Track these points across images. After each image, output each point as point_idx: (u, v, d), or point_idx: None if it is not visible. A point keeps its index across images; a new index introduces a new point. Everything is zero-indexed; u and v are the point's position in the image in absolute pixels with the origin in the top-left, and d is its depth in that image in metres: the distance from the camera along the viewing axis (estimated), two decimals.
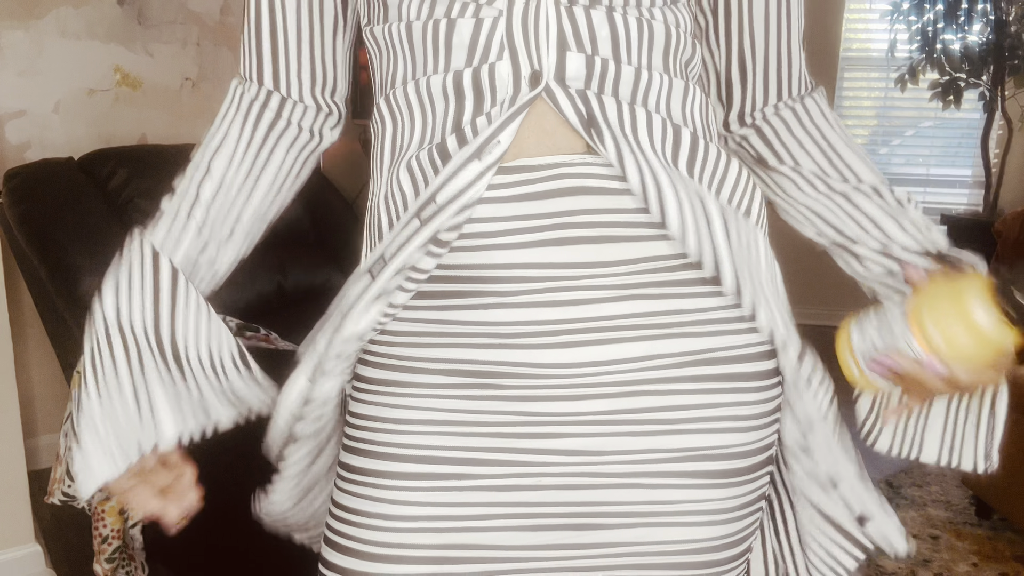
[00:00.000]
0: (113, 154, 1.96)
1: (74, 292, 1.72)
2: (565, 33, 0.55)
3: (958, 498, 2.29)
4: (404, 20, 0.57)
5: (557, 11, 0.54)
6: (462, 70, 0.56)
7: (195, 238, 0.67)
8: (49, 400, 2.37)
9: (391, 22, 0.58)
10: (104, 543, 1.64)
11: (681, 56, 0.61)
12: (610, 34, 0.56)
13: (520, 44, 0.55)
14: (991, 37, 3.45)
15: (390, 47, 0.60)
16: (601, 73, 0.56)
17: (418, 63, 0.58)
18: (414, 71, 0.58)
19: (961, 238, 3.61)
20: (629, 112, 0.57)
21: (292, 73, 0.67)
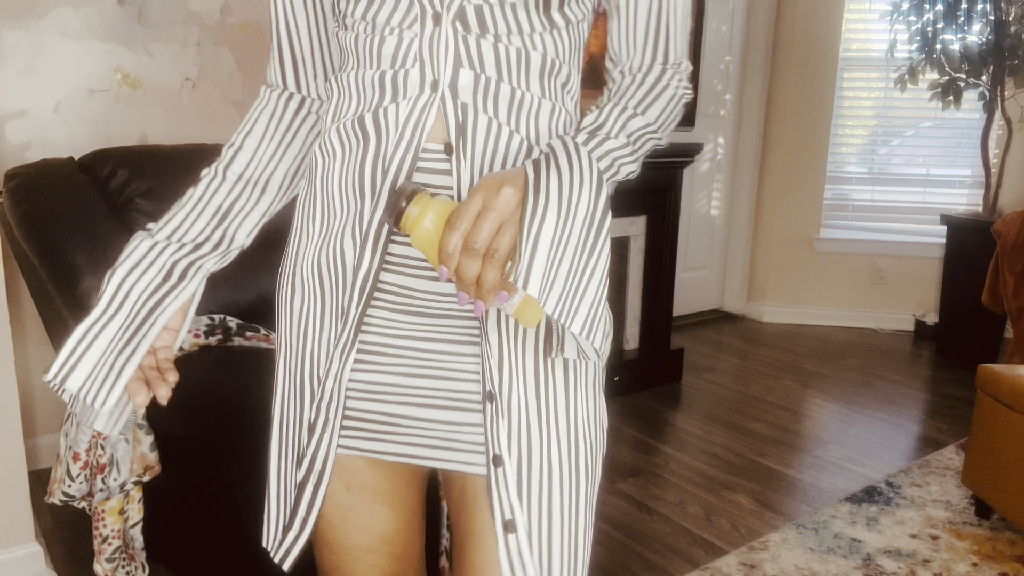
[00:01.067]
0: (113, 154, 1.96)
1: (74, 292, 1.72)
2: (460, 54, 0.74)
3: (958, 498, 2.29)
4: (354, 31, 0.77)
5: (455, 38, 0.73)
6: (387, 71, 0.76)
7: (227, 192, 0.90)
8: (49, 400, 2.37)
9: (347, 31, 0.79)
10: (104, 543, 1.64)
11: (557, 79, 0.78)
12: (495, 58, 0.74)
13: (427, 58, 0.74)
14: (991, 37, 3.45)
15: (343, 47, 0.80)
16: (485, 87, 0.74)
17: (360, 61, 0.78)
18: (357, 65, 0.78)
19: (961, 238, 3.61)
20: (496, 129, 0.75)
21: (309, 78, 0.90)
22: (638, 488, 2.33)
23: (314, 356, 0.81)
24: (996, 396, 2.04)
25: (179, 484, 1.66)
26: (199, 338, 1.66)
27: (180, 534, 1.71)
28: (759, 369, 3.50)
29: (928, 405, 3.10)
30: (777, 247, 4.26)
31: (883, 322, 4.18)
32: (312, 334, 0.82)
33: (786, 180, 4.19)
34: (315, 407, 0.80)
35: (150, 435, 1.62)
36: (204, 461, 1.59)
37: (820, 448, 2.66)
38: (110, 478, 1.60)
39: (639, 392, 3.17)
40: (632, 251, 3.21)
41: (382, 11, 0.74)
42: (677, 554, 1.99)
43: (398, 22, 0.74)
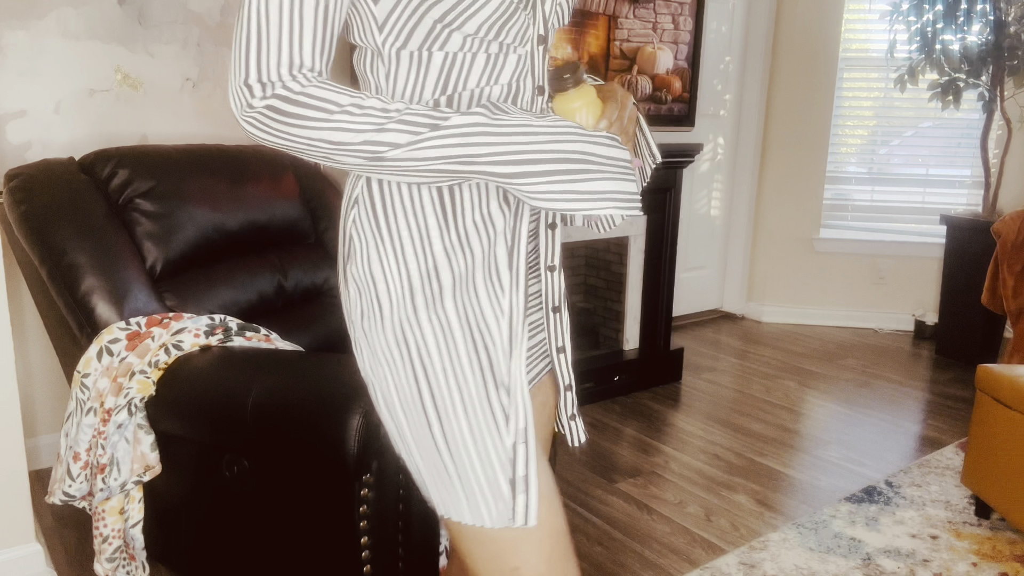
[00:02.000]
0: (113, 154, 1.96)
1: (74, 292, 1.73)
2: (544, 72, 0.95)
3: (957, 498, 2.29)
4: (467, 47, 0.87)
5: (543, 58, 0.92)
6: (508, 83, 0.90)
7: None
8: (49, 400, 2.37)
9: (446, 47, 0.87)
10: (104, 543, 1.64)
11: None
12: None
13: (538, 71, 0.93)
14: (990, 37, 3.45)
15: (451, 59, 0.88)
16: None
17: (474, 76, 0.89)
18: (470, 81, 0.89)
19: (960, 238, 3.61)
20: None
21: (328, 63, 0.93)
22: (638, 488, 2.34)
23: (486, 332, 0.91)
24: (996, 396, 2.04)
25: (179, 484, 1.66)
26: (199, 338, 1.66)
27: (180, 534, 1.71)
28: (759, 369, 3.50)
29: (928, 405, 3.10)
30: (777, 247, 4.26)
31: (883, 322, 4.18)
32: (476, 316, 0.90)
33: (786, 180, 4.19)
34: (506, 370, 0.90)
35: (150, 435, 1.62)
36: (204, 461, 1.59)
37: (820, 448, 2.66)
38: (110, 478, 1.60)
39: (639, 392, 3.17)
40: (632, 251, 3.21)
41: (505, 29, 0.87)
42: (677, 554, 1.99)
43: (512, 40, 0.89)
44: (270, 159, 2.25)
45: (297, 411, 1.41)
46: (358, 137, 0.80)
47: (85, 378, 1.64)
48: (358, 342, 0.94)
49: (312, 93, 0.80)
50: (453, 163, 0.82)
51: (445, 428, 0.89)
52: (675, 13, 3.26)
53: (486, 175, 0.83)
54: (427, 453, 0.91)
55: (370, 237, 0.90)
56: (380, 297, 0.90)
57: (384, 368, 0.91)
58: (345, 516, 1.41)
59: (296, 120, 0.79)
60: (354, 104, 0.80)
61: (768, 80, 4.14)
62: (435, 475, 0.91)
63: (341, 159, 0.82)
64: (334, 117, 0.79)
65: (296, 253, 2.18)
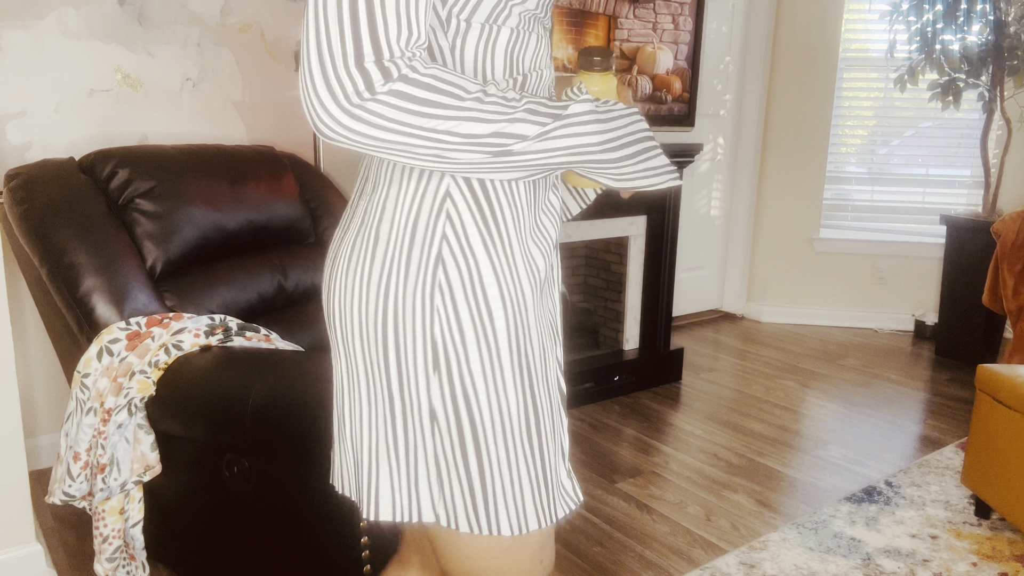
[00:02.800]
0: (113, 154, 1.96)
1: (74, 292, 1.73)
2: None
3: (957, 498, 2.29)
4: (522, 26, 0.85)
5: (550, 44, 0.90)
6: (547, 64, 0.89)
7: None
8: (49, 400, 2.37)
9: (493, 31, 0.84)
10: (104, 543, 1.64)
11: None
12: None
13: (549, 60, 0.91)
14: (990, 37, 3.45)
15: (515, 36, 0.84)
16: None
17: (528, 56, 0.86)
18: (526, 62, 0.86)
19: (960, 238, 3.61)
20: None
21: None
22: (638, 488, 2.34)
23: (549, 313, 0.92)
24: (996, 396, 2.04)
25: (179, 484, 1.66)
26: (199, 338, 1.66)
27: (180, 534, 1.71)
28: (759, 369, 3.50)
29: (928, 405, 3.10)
30: (777, 247, 4.26)
31: (883, 322, 4.18)
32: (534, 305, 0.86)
33: (786, 180, 4.19)
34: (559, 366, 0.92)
35: (150, 435, 1.62)
36: (204, 461, 1.59)
37: (820, 448, 2.66)
38: (110, 478, 1.60)
39: (639, 392, 3.17)
40: (632, 251, 3.21)
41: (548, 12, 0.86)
42: (677, 554, 1.99)
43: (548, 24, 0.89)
44: (270, 159, 2.25)
45: (297, 411, 1.41)
46: (488, 128, 0.72)
47: (85, 378, 1.64)
48: (448, 361, 0.81)
49: (440, 76, 0.70)
50: (569, 154, 0.78)
51: (541, 434, 0.86)
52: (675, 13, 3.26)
53: (596, 163, 0.81)
54: (513, 469, 0.85)
55: (477, 239, 0.80)
56: (492, 305, 0.81)
57: (490, 383, 0.82)
58: (345, 516, 1.41)
59: (425, 107, 0.69)
60: (481, 91, 0.72)
61: (768, 80, 4.14)
62: (520, 487, 0.86)
63: (458, 156, 0.73)
64: (465, 105, 0.70)
65: (296, 253, 2.18)
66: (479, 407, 0.83)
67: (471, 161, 0.73)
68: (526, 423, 0.85)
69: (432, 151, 0.72)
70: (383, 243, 0.81)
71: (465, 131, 0.71)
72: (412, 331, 0.81)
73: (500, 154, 0.73)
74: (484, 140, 0.72)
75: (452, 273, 0.80)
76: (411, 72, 0.68)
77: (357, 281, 0.83)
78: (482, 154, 0.73)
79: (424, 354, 0.81)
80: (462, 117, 0.70)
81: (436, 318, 0.80)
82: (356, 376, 0.87)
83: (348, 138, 0.69)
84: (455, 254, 0.80)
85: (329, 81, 0.67)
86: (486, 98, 0.71)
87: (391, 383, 0.84)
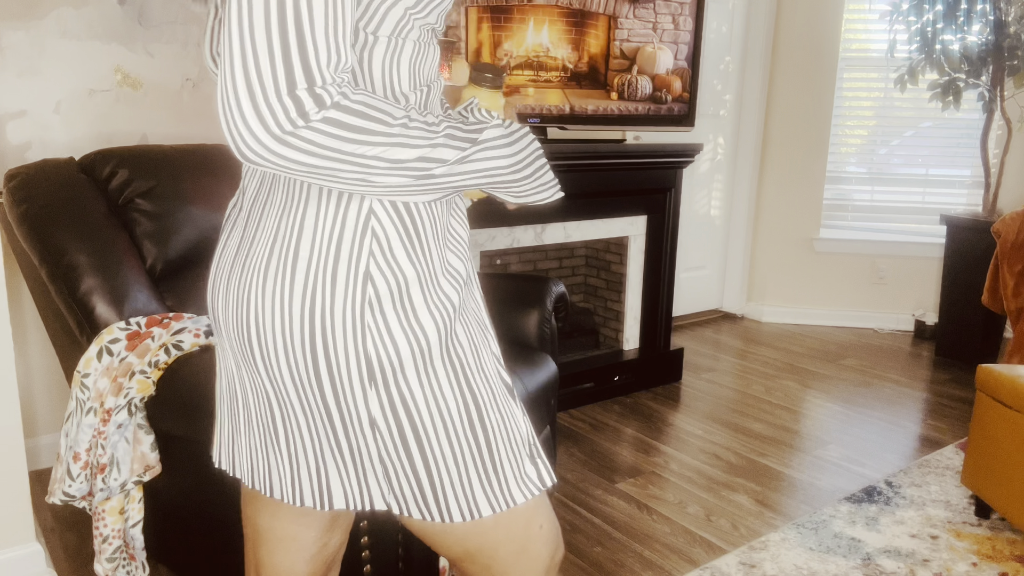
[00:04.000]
0: (113, 154, 1.96)
1: (74, 292, 1.73)
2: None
3: (957, 498, 2.29)
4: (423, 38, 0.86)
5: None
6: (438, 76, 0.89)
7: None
8: (49, 400, 2.37)
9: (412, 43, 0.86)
10: (104, 543, 1.64)
11: None
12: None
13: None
14: (990, 37, 3.45)
15: (417, 49, 0.86)
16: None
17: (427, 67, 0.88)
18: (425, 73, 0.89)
19: (960, 238, 3.61)
20: None
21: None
22: (638, 488, 2.34)
23: (479, 306, 0.96)
24: (996, 396, 2.04)
25: (179, 484, 1.66)
26: (199, 338, 1.66)
27: (180, 534, 1.71)
28: (759, 369, 3.50)
29: (928, 405, 3.10)
30: (777, 247, 4.26)
31: (883, 322, 4.18)
32: (459, 307, 0.90)
33: (786, 180, 4.19)
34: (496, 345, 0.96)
35: (150, 435, 1.62)
36: (204, 461, 1.59)
37: (820, 448, 2.66)
38: (110, 478, 1.60)
39: (639, 392, 3.17)
40: (632, 251, 3.21)
41: (443, 22, 0.87)
42: (677, 554, 1.99)
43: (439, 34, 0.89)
44: None
45: None
46: (413, 153, 0.73)
47: (85, 378, 1.64)
48: (383, 372, 0.83)
49: (368, 102, 0.70)
50: (482, 176, 0.82)
51: (485, 426, 0.90)
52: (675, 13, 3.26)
53: (504, 183, 0.86)
54: (459, 463, 0.89)
55: (402, 253, 0.81)
56: (420, 315, 0.83)
57: (426, 387, 0.85)
58: None
59: (357, 135, 0.69)
60: (406, 116, 0.73)
61: (768, 80, 4.14)
62: (471, 476, 0.90)
63: (384, 180, 0.73)
64: (393, 131, 0.71)
65: None
66: (418, 412, 0.85)
67: (395, 184, 0.74)
68: (467, 419, 0.88)
69: (358, 176, 0.72)
70: (304, 260, 0.80)
71: (392, 156, 0.72)
72: (344, 347, 0.81)
73: (423, 177, 0.75)
74: (409, 165, 0.73)
75: (381, 287, 0.80)
76: (343, 99, 0.68)
77: (276, 298, 0.81)
78: (406, 178, 0.74)
79: (359, 369, 0.82)
80: (390, 143, 0.71)
81: (368, 333, 0.81)
82: (282, 388, 0.86)
83: (274, 163, 0.68)
84: (382, 269, 0.81)
85: (259, 107, 0.65)
86: (411, 123, 0.73)
87: (326, 396, 0.84)
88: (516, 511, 0.94)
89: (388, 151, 0.71)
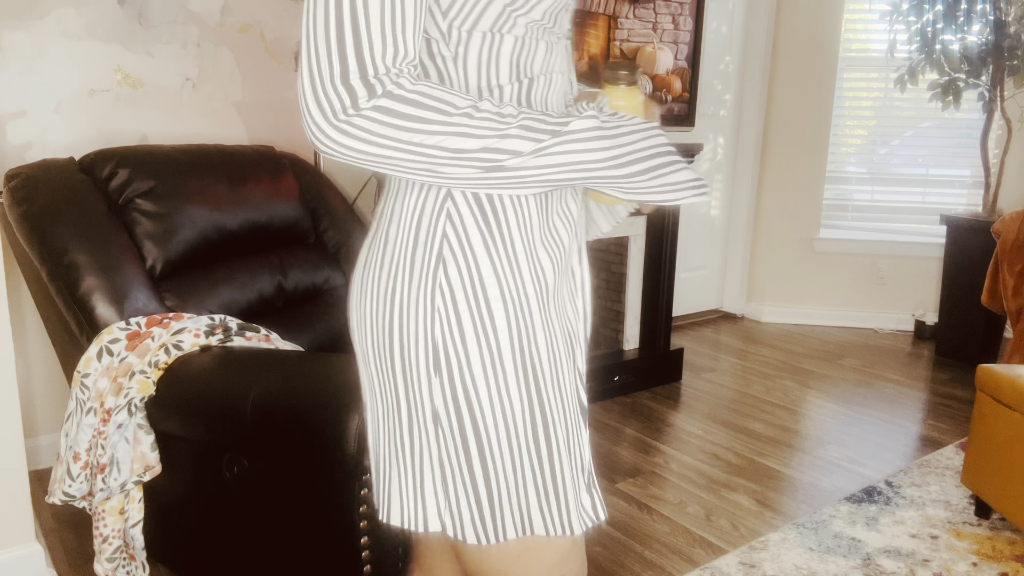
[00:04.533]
0: (113, 154, 1.96)
1: (74, 292, 1.73)
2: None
3: (957, 498, 2.29)
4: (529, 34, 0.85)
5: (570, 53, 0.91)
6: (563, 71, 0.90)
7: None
8: (49, 400, 2.37)
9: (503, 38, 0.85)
10: (104, 543, 1.64)
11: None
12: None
13: (570, 64, 0.93)
14: (990, 37, 3.45)
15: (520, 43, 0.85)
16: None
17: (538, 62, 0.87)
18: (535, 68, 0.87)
19: (960, 238, 3.61)
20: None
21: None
22: (638, 488, 2.34)
23: (569, 317, 0.92)
24: (996, 396, 2.04)
25: (179, 484, 1.66)
26: (199, 338, 1.66)
27: (180, 534, 1.71)
28: (759, 369, 3.50)
29: (928, 405, 3.10)
30: (777, 247, 4.26)
31: (883, 322, 4.18)
32: (557, 305, 0.88)
33: (786, 180, 4.19)
34: (583, 364, 0.91)
35: (150, 435, 1.62)
36: (204, 461, 1.59)
37: (820, 448, 2.66)
38: (110, 478, 1.60)
39: (639, 392, 3.17)
40: (632, 251, 3.21)
41: (559, 20, 0.85)
42: (677, 554, 1.99)
43: (561, 32, 0.88)
44: (270, 159, 2.25)
45: (297, 411, 1.41)
46: (477, 144, 0.73)
47: (85, 378, 1.64)
48: (448, 362, 0.82)
49: (427, 92, 0.72)
50: (571, 170, 0.78)
51: (550, 441, 0.85)
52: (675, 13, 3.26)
53: (603, 179, 0.80)
54: (518, 472, 0.85)
55: (478, 239, 0.81)
56: (493, 307, 0.81)
57: (492, 385, 0.82)
58: (345, 516, 1.41)
59: (411, 123, 0.71)
60: (472, 107, 0.73)
61: (768, 80, 4.14)
62: (530, 493, 0.85)
63: (450, 171, 0.74)
64: (453, 120, 0.71)
65: (296, 253, 2.18)
66: (481, 408, 0.83)
67: (464, 176, 0.75)
68: (532, 428, 0.84)
69: (423, 166, 0.73)
70: (391, 245, 0.84)
71: (453, 146, 0.72)
72: (415, 332, 0.81)
73: (492, 169, 0.74)
74: (473, 155, 0.73)
75: (452, 273, 0.81)
76: (396, 88, 0.70)
77: (367, 284, 0.85)
78: (473, 169, 0.74)
79: (426, 355, 0.82)
80: (449, 132, 0.72)
81: (437, 319, 0.81)
82: (370, 380, 0.88)
83: (341, 152, 0.72)
84: (455, 253, 0.81)
85: (318, 97, 0.70)
86: (476, 113, 0.73)
87: (397, 386, 0.84)
88: (545, 549, 0.88)
89: (448, 140, 0.72)
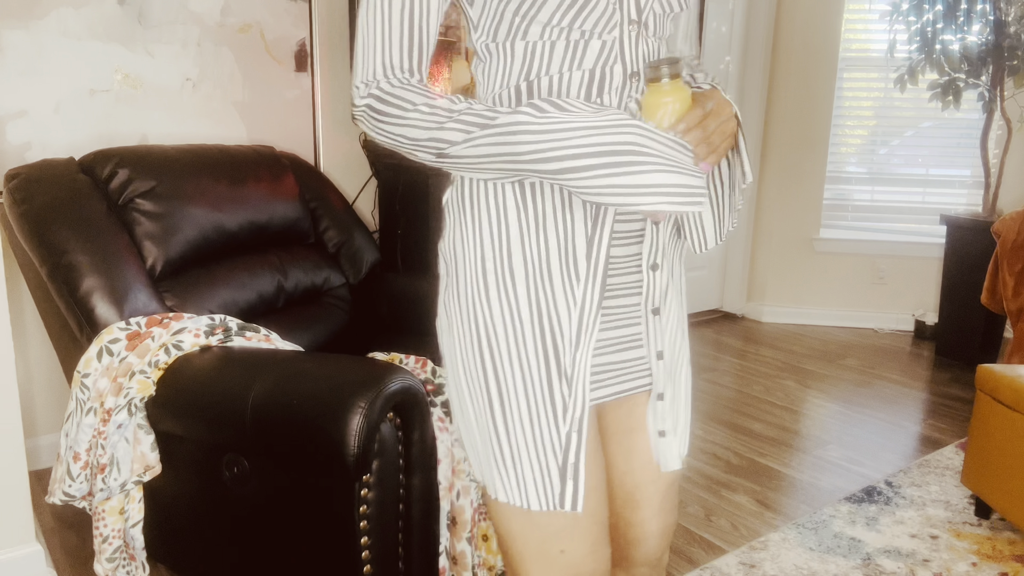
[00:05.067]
0: (113, 154, 1.96)
1: (74, 292, 1.73)
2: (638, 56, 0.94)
3: (957, 498, 2.29)
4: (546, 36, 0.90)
5: (637, 44, 0.92)
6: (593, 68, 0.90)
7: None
8: (49, 400, 2.37)
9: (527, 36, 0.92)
10: (104, 543, 1.64)
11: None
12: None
13: (629, 57, 0.92)
14: (990, 37, 3.45)
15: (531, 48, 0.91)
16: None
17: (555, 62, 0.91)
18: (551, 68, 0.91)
19: (960, 238, 3.61)
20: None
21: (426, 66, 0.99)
22: None
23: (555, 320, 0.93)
24: (996, 396, 2.04)
25: (179, 484, 1.66)
26: (199, 338, 1.66)
27: (180, 534, 1.71)
28: (759, 369, 3.50)
29: (928, 405, 3.10)
30: (777, 247, 4.26)
31: (883, 322, 4.18)
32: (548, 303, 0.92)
33: (786, 180, 4.19)
34: (570, 361, 0.92)
35: (150, 435, 1.62)
36: (204, 461, 1.59)
37: (820, 448, 2.66)
38: (110, 478, 1.60)
39: None
40: None
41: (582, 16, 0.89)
42: (677, 554, 1.99)
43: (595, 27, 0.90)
44: (270, 159, 2.25)
45: (297, 411, 1.41)
46: (424, 134, 0.87)
47: (85, 378, 1.64)
48: (440, 315, 1.00)
49: (396, 93, 0.88)
50: (502, 161, 0.85)
51: (505, 410, 0.93)
52: None
53: (532, 172, 0.85)
54: (484, 432, 0.95)
55: (456, 213, 0.96)
56: (459, 272, 0.95)
57: (456, 342, 0.96)
58: (345, 516, 1.41)
59: (385, 118, 0.88)
60: (425, 103, 0.87)
61: (768, 80, 4.14)
62: (489, 455, 0.95)
63: (417, 155, 0.90)
64: (408, 115, 0.87)
65: (296, 253, 2.18)
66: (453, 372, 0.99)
67: (426, 160, 0.90)
68: (488, 397, 0.94)
69: (404, 150, 0.90)
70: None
71: (410, 136, 0.88)
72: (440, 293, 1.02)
73: (439, 155, 0.88)
74: (424, 143, 0.87)
75: (443, 241, 0.99)
76: (378, 91, 0.89)
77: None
78: (428, 154, 0.89)
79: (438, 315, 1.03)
80: (406, 124, 0.87)
81: (440, 281, 1.00)
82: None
83: (367, 133, 0.92)
84: (446, 226, 0.99)
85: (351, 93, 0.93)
86: (428, 110, 0.87)
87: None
88: (535, 518, 0.95)
89: (407, 131, 0.87)
